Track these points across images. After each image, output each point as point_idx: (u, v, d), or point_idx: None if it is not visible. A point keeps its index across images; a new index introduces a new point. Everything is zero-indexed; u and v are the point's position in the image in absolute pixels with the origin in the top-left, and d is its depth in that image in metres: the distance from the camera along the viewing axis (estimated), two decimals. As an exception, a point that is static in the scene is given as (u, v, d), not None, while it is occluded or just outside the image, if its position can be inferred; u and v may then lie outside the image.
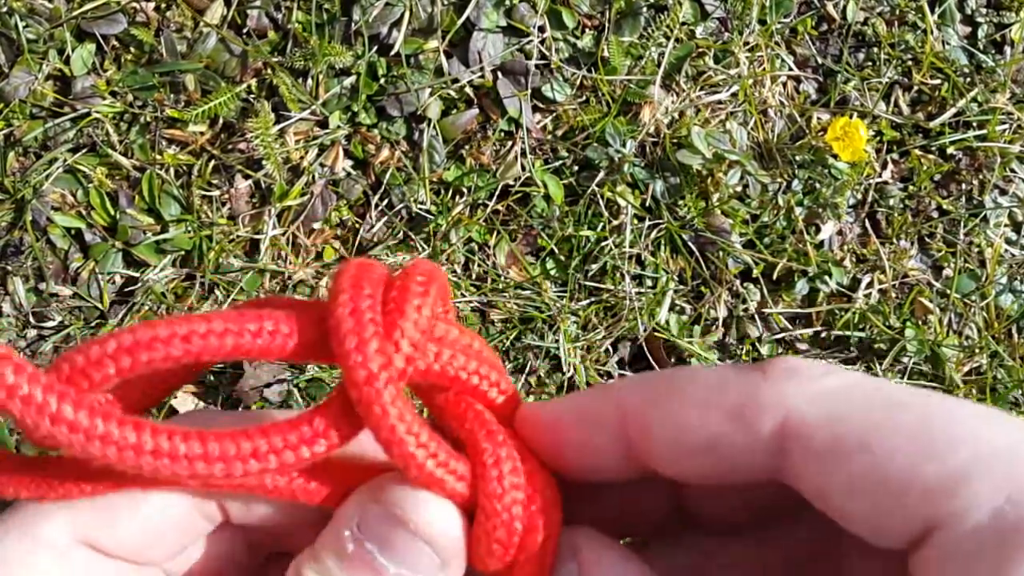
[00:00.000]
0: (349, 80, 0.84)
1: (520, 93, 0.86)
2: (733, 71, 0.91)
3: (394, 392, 0.29)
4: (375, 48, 0.85)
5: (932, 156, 0.96)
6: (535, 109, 0.88)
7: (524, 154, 0.86)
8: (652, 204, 0.88)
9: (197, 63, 0.82)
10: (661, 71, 0.88)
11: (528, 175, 0.86)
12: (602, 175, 0.86)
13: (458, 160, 0.86)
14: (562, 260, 0.86)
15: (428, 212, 0.84)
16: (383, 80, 0.85)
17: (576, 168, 0.88)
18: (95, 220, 0.81)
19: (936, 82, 0.97)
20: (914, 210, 0.96)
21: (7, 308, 0.79)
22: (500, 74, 0.87)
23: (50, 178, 0.80)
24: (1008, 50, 0.99)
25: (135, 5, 0.81)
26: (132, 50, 0.82)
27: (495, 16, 0.86)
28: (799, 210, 0.91)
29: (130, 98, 0.82)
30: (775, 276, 0.90)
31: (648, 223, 0.87)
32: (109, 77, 0.82)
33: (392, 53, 0.84)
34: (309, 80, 0.84)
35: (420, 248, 0.84)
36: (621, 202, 0.87)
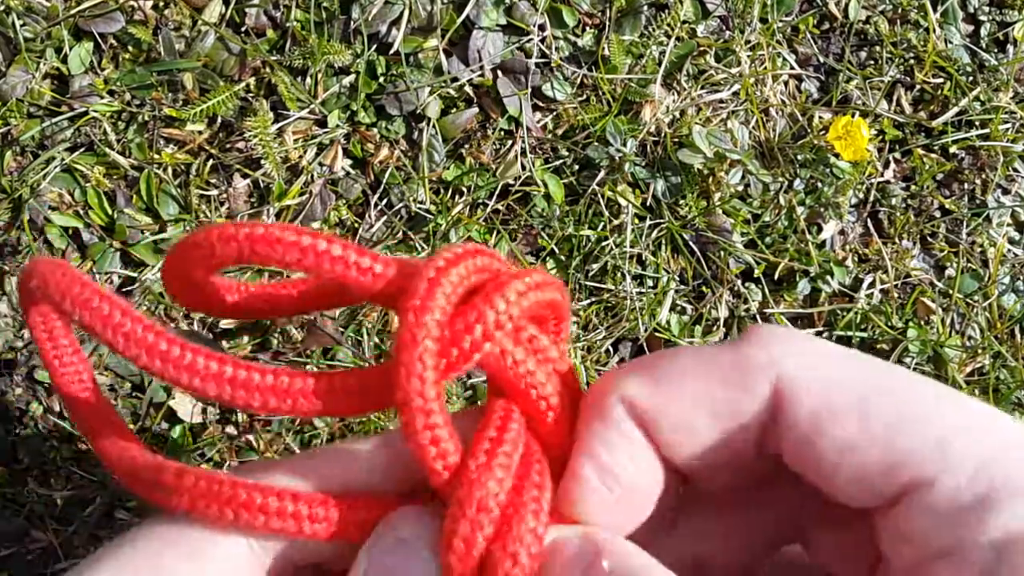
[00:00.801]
0: (348, 79, 0.84)
1: (520, 92, 0.86)
2: (734, 70, 0.90)
3: (431, 379, 0.30)
4: (374, 47, 0.84)
5: (934, 155, 0.96)
6: (535, 108, 0.87)
7: (524, 153, 0.85)
8: (653, 203, 0.87)
9: (195, 62, 0.81)
10: (662, 70, 0.88)
11: (528, 174, 0.85)
12: (603, 174, 0.86)
13: (458, 159, 0.86)
14: (562, 260, 0.86)
15: (427, 211, 0.84)
16: (382, 79, 0.84)
17: (576, 167, 0.87)
18: (93, 219, 0.80)
19: (938, 81, 0.97)
20: (916, 210, 0.95)
21: (4, 308, 0.79)
22: (500, 73, 0.86)
23: (47, 177, 0.80)
24: (1011, 49, 0.99)
25: (133, 3, 0.81)
26: (130, 48, 0.82)
27: (495, 14, 0.86)
28: (801, 209, 0.90)
29: (128, 97, 0.82)
30: (777, 276, 0.90)
31: (649, 223, 0.87)
32: (107, 76, 0.81)
33: (391, 52, 0.84)
34: (308, 79, 0.83)
35: (419, 248, 0.84)
36: (622, 201, 0.86)
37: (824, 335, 0.92)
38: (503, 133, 0.86)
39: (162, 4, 0.82)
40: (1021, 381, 0.92)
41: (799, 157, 0.91)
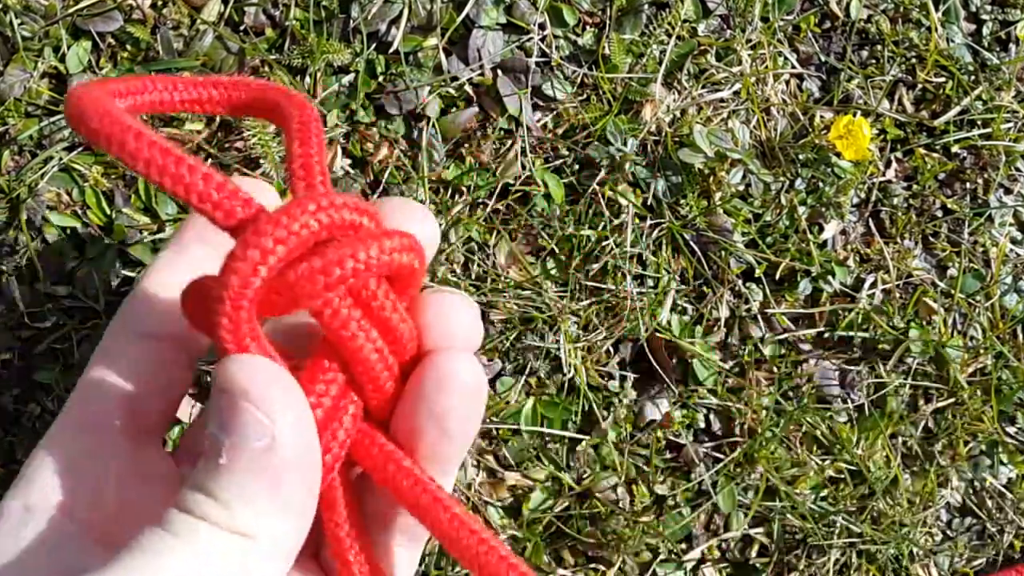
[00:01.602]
0: (347, 78, 0.84)
1: (520, 91, 0.86)
2: (735, 69, 0.90)
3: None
4: (373, 46, 0.84)
5: (936, 155, 0.96)
6: (535, 107, 0.87)
7: (524, 152, 0.85)
8: (653, 203, 0.87)
9: (194, 61, 0.81)
10: (663, 69, 0.88)
11: (528, 174, 0.85)
12: (603, 174, 0.85)
13: (457, 159, 0.86)
14: (562, 260, 0.86)
15: (427, 211, 0.84)
16: (382, 78, 0.84)
17: (577, 167, 0.87)
18: (91, 219, 0.80)
19: (940, 80, 0.96)
20: (918, 209, 0.95)
21: (1, 308, 0.78)
22: (500, 72, 0.86)
23: (45, 177, 0.79)
24: (1013, 48, 0.98)
25: (131, 2, 0.81)
26: (128, 48, 0.82)
27: (495, 13, 0.86)
28: (802, 209, 0.90)
29: (126, 96, 0.81)
30: (778, 276, 0.89)
31: (650, 222, 0.86)
32: (105, 75, 0.81)
33: (391, 51, 0.84)
34: (307, 78, 0.83)
35: (419, 248, 0.84)
36: (622, 201, 0.86)
37: (826, 335, 0.91)
38: (503, 132, 0.86)
39: (160, 3, 0.82)
40: (1023, 382, 0.91)
41: (800, 156, 0.90)
